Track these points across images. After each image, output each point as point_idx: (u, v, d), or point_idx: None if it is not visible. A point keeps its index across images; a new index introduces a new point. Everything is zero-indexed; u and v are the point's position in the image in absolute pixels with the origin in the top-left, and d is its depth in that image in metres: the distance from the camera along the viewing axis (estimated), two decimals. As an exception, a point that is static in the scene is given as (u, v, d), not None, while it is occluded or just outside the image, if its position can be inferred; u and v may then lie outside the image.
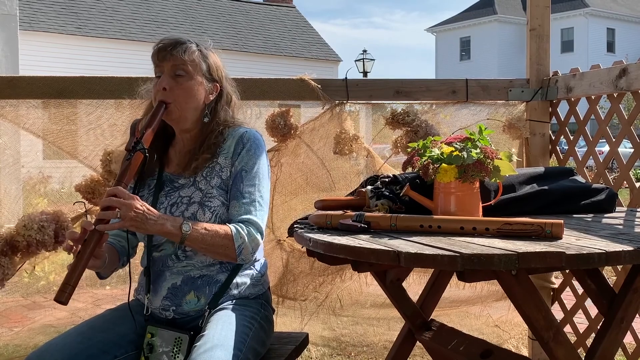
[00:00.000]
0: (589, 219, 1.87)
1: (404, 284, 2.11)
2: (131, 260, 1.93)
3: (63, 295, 1.56)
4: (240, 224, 1.78)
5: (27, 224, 2.38)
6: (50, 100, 2.58)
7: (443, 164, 1.68)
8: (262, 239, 1.83)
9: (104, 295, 2.78)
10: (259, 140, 1.90)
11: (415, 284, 2.70)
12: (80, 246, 1.63)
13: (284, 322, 2.87)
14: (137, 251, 2.02)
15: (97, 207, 2.57)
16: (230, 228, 1.76)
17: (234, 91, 1.97)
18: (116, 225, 1.65)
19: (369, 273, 2.79)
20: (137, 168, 1.74)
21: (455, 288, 2.89)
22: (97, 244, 1.64)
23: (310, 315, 2.94)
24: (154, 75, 1.89)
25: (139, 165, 1.75)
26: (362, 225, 1.63)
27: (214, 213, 1.81)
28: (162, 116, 1.81)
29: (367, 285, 2.91)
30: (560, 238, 1.49)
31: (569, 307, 2.86)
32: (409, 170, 1.82)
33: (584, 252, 1.35)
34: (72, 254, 1.65)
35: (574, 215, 1.92)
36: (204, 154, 1.85)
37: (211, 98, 1.89)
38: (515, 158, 1.74)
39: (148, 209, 1.68)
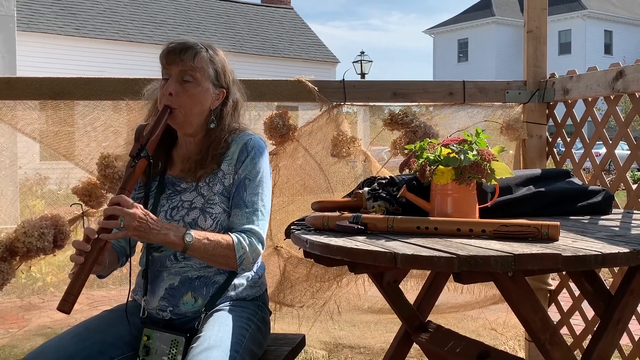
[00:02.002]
0: (586, 221, 1.87)
1: (402, 290, 2.11)
2: (130, 261, 1.93)
3: (66, 305, 1.57)
4: (243, 234, 1.78)
5: (28, 230, 2.37)
6: (47, 101, 2.58)
7: (440, 166, 1.68)
8: (263, 249, 1.83)
9: (101, 296, 2.77)
10: (262, 147, 1.89)
11: (413, 291, 2.69)
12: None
13: (281, 327, 2.86)
14: (136, 250, 2.02)
15: (94, 210, 2.57)
16: (232, 238, 1.76)
17: (241, 94, 1.96)
18: (119, 235, 1.65)
19: (367, 279, 2.80)
20: (140, 175, 1.74)
21: (453, 292, 2.88)
22: (99, 253, 1.64)
23: (309, 321, 2.93)
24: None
25: (143, 171, 1.74)
26: (359, 226, 1.63)
27: (215, 220, 1.81)
28: (166, 121, 1.80)
29: (365, 291, 2.90)
30: (557, 240, 1.49)
31: (565, 308, 2.86)
32: (406, 171, 1.83)
33: (581, 253, 1.36)
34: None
35: (571, 217, 1.92)
36: (211, 163, 1.84)
37: (217, 104, 1.88)
38: (510, 152, 1.75)
39: (151, 218, 1.67)
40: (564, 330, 2.82)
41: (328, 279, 2.82)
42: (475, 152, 1.68)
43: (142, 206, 1.67)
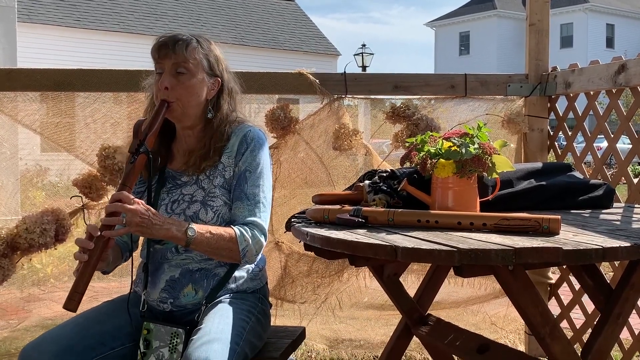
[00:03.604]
0: (587, 215, 1.87)
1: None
2: (133, 253, 1.94)
3: (72, 303, 1.58)
4: (245, 227, 1.79)
5: (29, 227, 2.37)
6: (48, 93, 2.57)
7: (441, 159, 1.68)
8: (265, 240, 1.83)
9: (101, 288, 2.77)
10: (262, 139, 1.89)
11: (413, 286, 2.69)
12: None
13: (283, 322, 2.85)
14: (138, 244, 2.02)
15: (94, 202, 2.56)
16: (235, 231, 1.77)
17: (236, 82, 1.96)
18: (122, 231, 1.65)
19: (367, 273, 2.80)
20: (140, 170, 1.74)
21: (453, 286, 2.88)
22: (103, 250, 1.64)
23: (310, 317, 2.93)
24: (152, 69, 1.87)
25: (143, 166, 1.74)
26: (360, 219, 1.63)
27: (216, 213, 1.81)
28: (164, 115, 1.80)
29: (366, 287, 2.90)
30: (558, 234, 1.49)
31: (565, 302, 2.86)
32: (407, 165, 1.82)
33: (581, 247, 1.35)
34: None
35: (572, 211, 1.92)
36: (214, 155, 1.84)
37: (213, 93, 1.88)
38: (511, 145, 1.74)
39: (153, 214, 1.67)
40: (564, 324, 2.82)
41: (329, 274, 2.81)
42: (476, 146, 1.67)
43: (143, 202, 1.67)
